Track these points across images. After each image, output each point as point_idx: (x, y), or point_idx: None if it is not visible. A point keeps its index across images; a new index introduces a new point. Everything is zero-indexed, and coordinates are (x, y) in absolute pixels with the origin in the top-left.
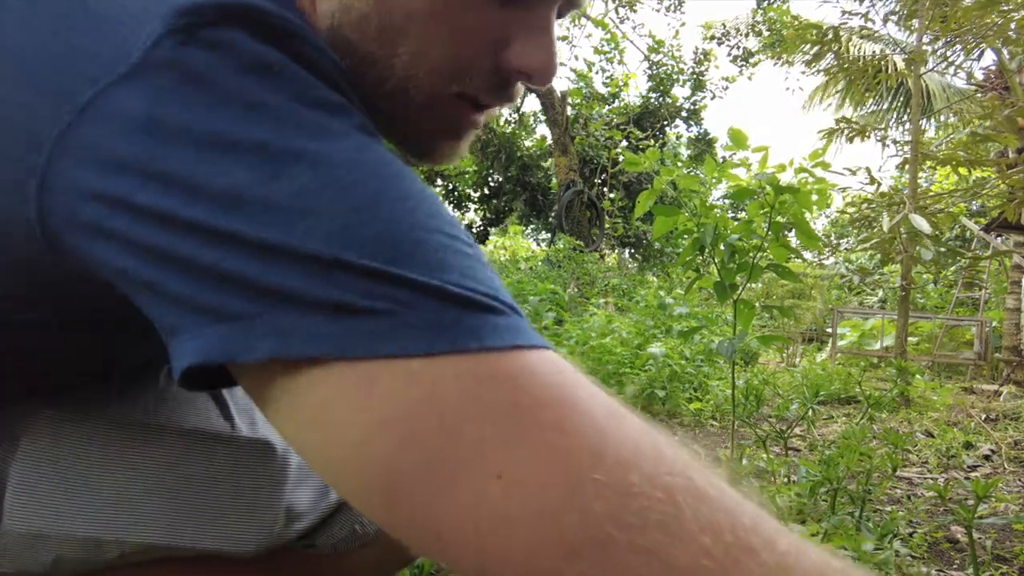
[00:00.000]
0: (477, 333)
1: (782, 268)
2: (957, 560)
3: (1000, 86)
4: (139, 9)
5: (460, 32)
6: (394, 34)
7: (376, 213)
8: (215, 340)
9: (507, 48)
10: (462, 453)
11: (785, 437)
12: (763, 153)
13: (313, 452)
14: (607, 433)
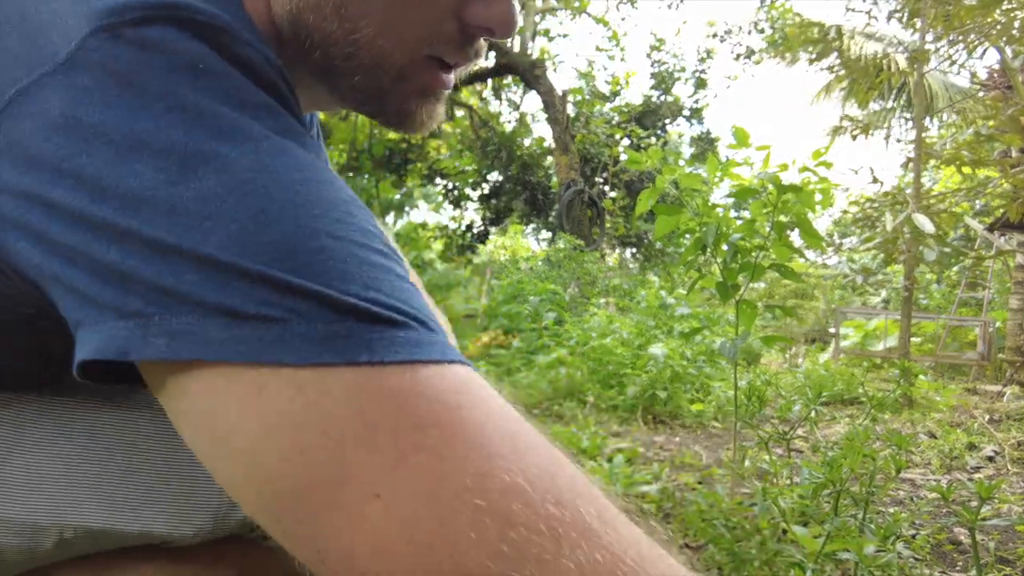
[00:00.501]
0: (370, 346)
1: (785, 268)
2: (960, 562)
3: (1003, 85)
4: (69, 12)
5: (420, 2)
6: (354, 10)
7: (278, 219)
8: (113, 336)
9: (467, 7)
10: (344, 471)
11: (788, 438)
12: (766, 152)
13: (206, 456)
14: (497, 457)
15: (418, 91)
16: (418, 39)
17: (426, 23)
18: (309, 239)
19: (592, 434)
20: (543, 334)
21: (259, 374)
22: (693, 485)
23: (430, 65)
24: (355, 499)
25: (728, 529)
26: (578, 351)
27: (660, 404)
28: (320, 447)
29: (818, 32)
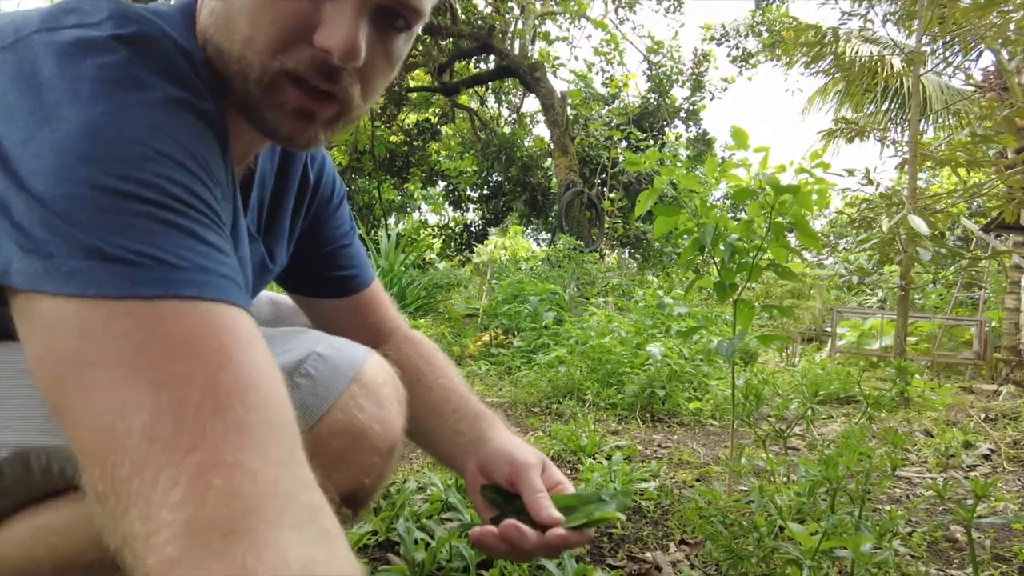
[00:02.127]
0: (100, 281)
1: (782, 268)
2: (956, 560)
3: (999, 87)
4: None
5: (278, 17)
6: (231, 24)
7: (71, 176)
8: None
9: (316, 32)
10: (80, 383)
11: (784, 437)
12: (764, 154)
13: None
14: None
15: (291, 111)
16: (269, 52)
17: (276, 38)
18: (82, 191)
19: (591, 432)
20: (543, 333)
21: (35, 300)
22: (691, 482)
23: (292, 83)
24: (89, 413)
25: (726, 526)
26: (577, 350)
27: (658, 402)
28: (64, 363)
29: (814, 35)
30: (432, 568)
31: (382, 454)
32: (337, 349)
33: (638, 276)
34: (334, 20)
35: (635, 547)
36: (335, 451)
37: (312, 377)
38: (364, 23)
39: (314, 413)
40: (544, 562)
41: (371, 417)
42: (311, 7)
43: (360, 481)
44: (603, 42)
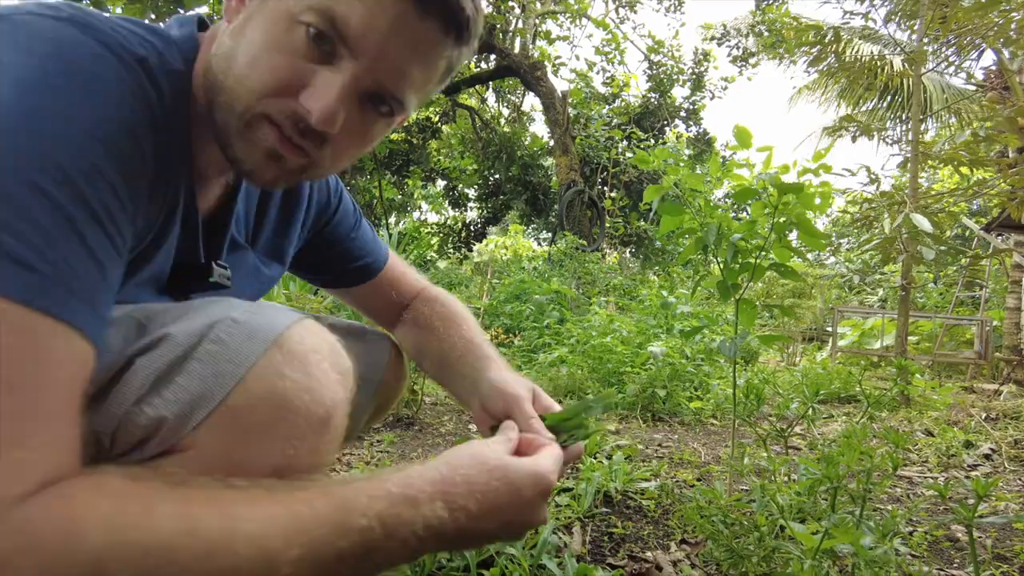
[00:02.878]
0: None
1: (785, 267)
2: (957, 559)
3: (1000, 86)
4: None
5: (275, 67)
6: (232, 61)
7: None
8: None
9: (303, 91)
10: None
11: (785, 436)
12: (767, 153)
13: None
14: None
15: (263, 149)
16: (257, 94)
17: (268, 84)
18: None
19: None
20: (544, 333)
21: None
22: (692, 482)
23: (270, 125)
24: None
25: (726, 525)
26: (579, 349)
27: (659, 402)
28: None
29: (815, 35)
30: (433, 568)
31: (312, 426)
32: (255, 314)
33: (639, 276)
34: (323, 87)
35: (636, 546)
36: (256, 424)
37: (224, 343)
38: (351, 99)
39: (228, 381)
40: (545, 561)
41: (296, 385)
42: (307, 69)
43: (285, 456)
44: (604, 41)
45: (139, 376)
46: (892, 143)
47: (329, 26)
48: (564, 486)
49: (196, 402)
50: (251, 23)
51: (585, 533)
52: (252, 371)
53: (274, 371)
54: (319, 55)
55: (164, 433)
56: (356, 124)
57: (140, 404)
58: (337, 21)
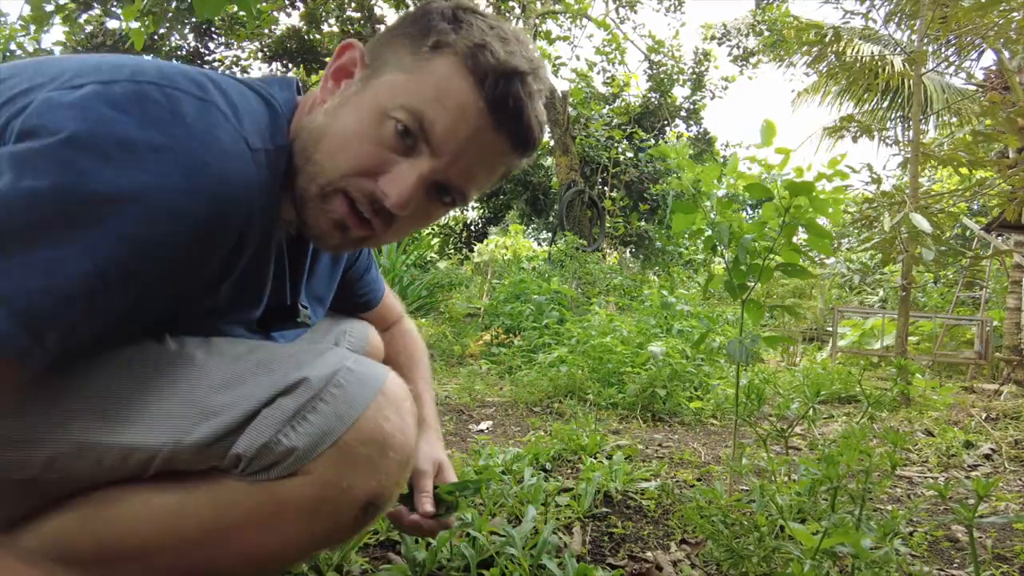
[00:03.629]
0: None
1: (795, 267)
2: (958, 559)
3: (1000, 86)
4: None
5: (363, 153)
6: (324, 138)
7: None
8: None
9: (382, 176)
10: None
11: (786, 436)
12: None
13: None
14: None
15: (333, 219)
16: (342, 172)
17: (354, 166)
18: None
19: (592, 431)
20: (544, 333)
21: None
22: (692, 482)
23: (346, 201)
24: None
25: (726, 526)
26: (579, 350)
27: (659, 402)
28: None
29: (815, 34)
30: (433, 567)
31: (402, 463)
32: (362, 364)
33: (639, 276)
34: (402, 175)
35: (636, 546)
36: (363, 457)
37: (344, 387)
38: (424, 188)
39: (347, 420)
40: (545, 561)
41: (395, 427)
42: (390, 159)
43: (383, 487)
44: (604, 41)
45: (281, 412)
46: (892, 143)
47: (417, 126)
48: (564, 486)
49: (322, 436)
50: (346, 107)
51: (585, 533)
52: (364, 413)
53: (381, 415)
54: (402, 148)
55: (292, 460)
56: (421, 209)
57: (278, 435)
58: (425, 123)
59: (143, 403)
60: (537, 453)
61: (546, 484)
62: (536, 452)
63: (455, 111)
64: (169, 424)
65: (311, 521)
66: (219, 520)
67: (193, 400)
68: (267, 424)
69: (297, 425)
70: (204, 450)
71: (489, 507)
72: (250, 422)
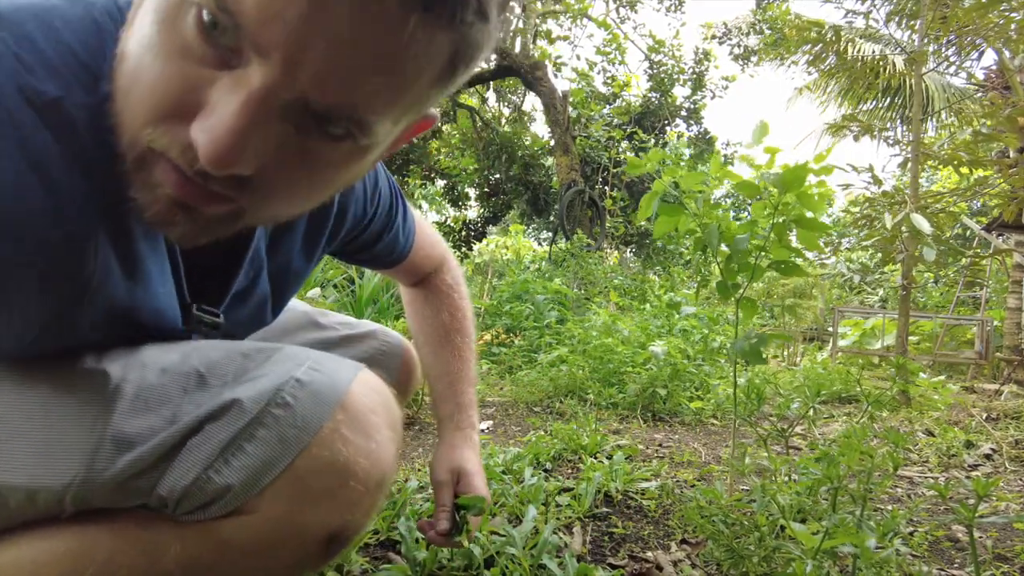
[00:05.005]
0: None
1: (788, 264)
2: (958, 559)
3: (1001, 86)
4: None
5: (162, 80)
6: (122, 70)
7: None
8: None
9: (196, 117)
10: None
11: (786, 436)
12: (771, 155)
13: None
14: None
15: (163, 196)
16: (144, 114)
17: (151, 106)
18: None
19: (592, 431)
20: (545, 332)
21: None
22: (692, 482)
23: (168, 163)
24: None
25: (727, 525)
26: (579, 350)
27: (660, 402)
28: None
29: (816, 33)
30: (433, 567)
31: (370, 490)
32: (319, 371)
33: (640, 275)
34: (217, 107)
35: (636, 546)
36: (318, 490)
37: (290, 407)
38: (266, 120)
39: (293, 448)
40: (545, 561)
41: (357, 451)
42: (203, 78)
43: (346, 520)
44: (605, 41)
45: (209, 444)
46: (893, 143)
47: (218, 8)
48: (564, 486)
49: (262, 469)
50: (140, 12)
51: (586, 533)
52: (317, 437)
53: (339, 437)
54: (219, 56)
55: (229, 498)
56: (295, 154)
57: (208, 471)
58: (233, 15)
59: (45, 436)
60: (537, 453)
61: (546, 484)
62: (536, 452)
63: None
64: (74, 459)
65: (265, 560)
66: (153, 568)
67: (104, 427)
68: (193, 460)
69: (231, 458)
70: (123, 487)
71: (489, 507)
72: (176, 454)
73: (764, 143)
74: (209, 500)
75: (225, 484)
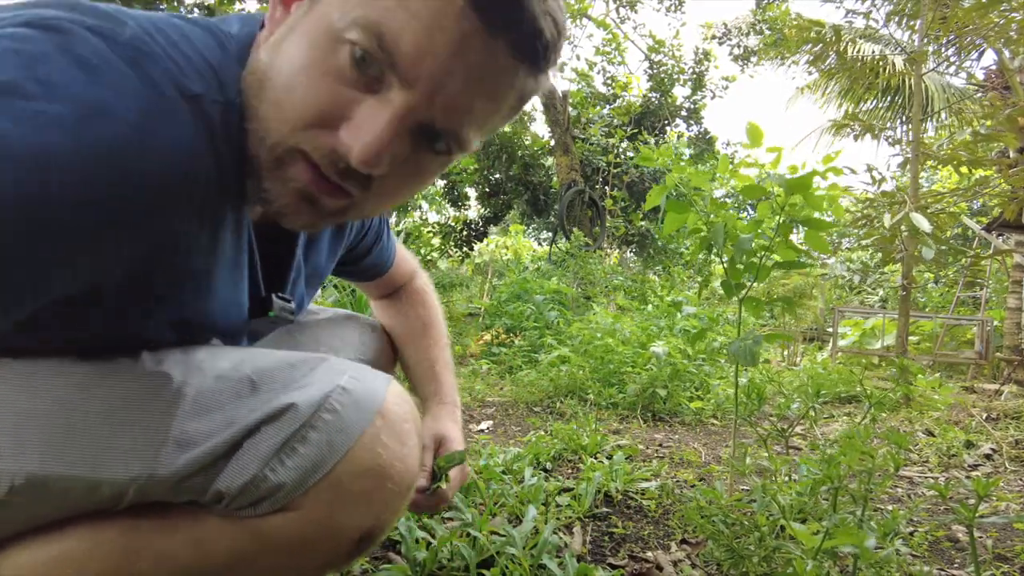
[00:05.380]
0: None
1: (793, 262)
2: (958, 559)
3: (1000, 86)
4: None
5: (315, 95)
6: (267, 83)
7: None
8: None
9: (344, 125)
10: None
11: (786, 436)
12: (775, 154)
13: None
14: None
15: (294, 189)
16: (292, 125)
17: (304, 116)
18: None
19: (592, 431)
20: (546, 332)
21: None
22: (692, 482)
23: (307, 165)
24: None
25: (727, 526)
26: (581, 350)
27: (660, 402)
28: None
29: (816, 33)
30: (433, 567)
31: (401, 493)
32: (359, 380)
33: (640, 275)
34: (367, 121)
35: (636, 546)
36: (358, 491)
37: (337, 412)
38: (400, 134)
39: (340, 451)
40: (545, 561)
41: (393, 455)
42: (350, 98)
43: (379, 520)
44: (604, 41)
45: (266, 444)
46: (893, 143)
47: (377, 46)
48: (565, 486)
49: (311, 470)
50: (291, 37)
51: (586, 533)
52: (359, 441)
53: (378, 442)
54: (364, 81)
55: (280, 496)
56: (407, 163)
57: (264, 470)
58: (386, 41)
59: (110, 432)
60: (537, 453)
61: (546, 484)
62: (536, 452)
63: (426, 17)
64: (140, 456)
65: (299, 558)
66: (201, 561)
67: (167, 428)
68: (252, 458)
69: (285, 458)
70: (181, 483)
71: (489, 507)
72: (233, 453)
73: (763, 144)
74: (261, 497)
75: (279, 482)
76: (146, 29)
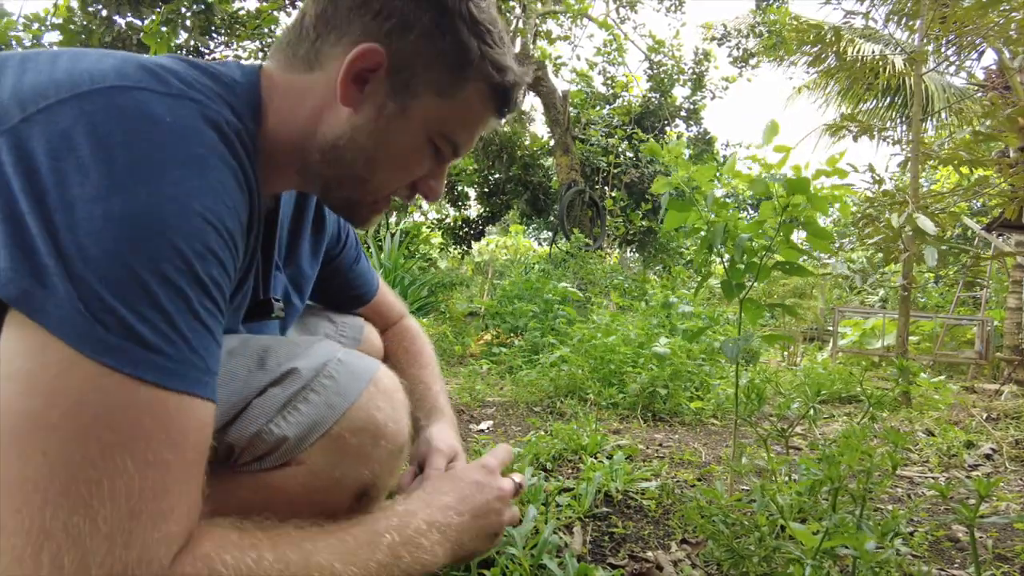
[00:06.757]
0: (115, 354)
1: (792, 265)
2: (958, 559)
3: (1000, 85)
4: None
5: (411, 170)
6: (372, 155)
7: (119, 252)
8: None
9: (421, 180)
10: (28, 422)
11: (786, 436)
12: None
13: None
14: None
15: (378, 213)
16: (393, 186)
17: (403, 180)
18: (128, 270)
19: (592, 431)
20: (547, 333)
21: (51, 341)
22: (692, 482)
23: (385, 201)
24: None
25: (727, 526)
26: (581, 350)
27: (660, 402)
28: (35, 395)
29: (816, 35)
30: None
31: (395, 452)
32: (351, 355)
33: (640, 276)
34: (438, 181)
35: (636, 546)
36: (355, 447)
37: (335, 378)
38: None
39: (338, 410)
40: (546, 561)
41: (387, 416)
42: (428, 168)
43: (375, 475)
44: (605, 42)
45: (271, 401)
46: (893, 143)
47: (451, 152)
48: (565, 486)
49: (312, 427)
50: (391, 129)
51: (586, 533)
52: (356, 403)
53: (373, 404)
54: (435, 157)
55: (283, 450)
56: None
57: (269, 424)
58: (459, 145)
59: None
60: (538, 453)
61: (546, 484)
62: (537, 452)
63: (480, 130)
64: None
65: (305, 507)
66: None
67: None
68: (258, 413)
69: (288, 415)
70: None
71: None
72: (243, 411)
73: (773, 142)
74: (267, 451)
75: (282, 435)
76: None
